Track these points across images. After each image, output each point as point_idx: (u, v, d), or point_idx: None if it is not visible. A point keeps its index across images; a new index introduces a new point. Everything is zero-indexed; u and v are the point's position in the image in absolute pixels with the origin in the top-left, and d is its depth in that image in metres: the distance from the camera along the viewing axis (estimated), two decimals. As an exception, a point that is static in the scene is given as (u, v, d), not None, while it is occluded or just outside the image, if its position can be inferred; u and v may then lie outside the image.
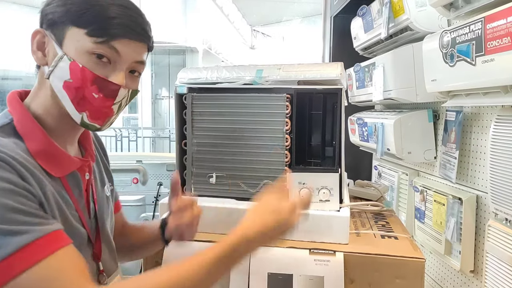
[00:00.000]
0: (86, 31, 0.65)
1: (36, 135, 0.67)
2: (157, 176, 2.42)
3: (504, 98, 0.95)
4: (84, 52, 0.66)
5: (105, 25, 0.66)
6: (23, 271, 0.53)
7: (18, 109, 0.69)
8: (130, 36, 0.68)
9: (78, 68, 0.65)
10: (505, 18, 0.86)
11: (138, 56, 0.71)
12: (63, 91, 0.67)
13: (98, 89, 0.67)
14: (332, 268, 0.87)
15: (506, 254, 1.00)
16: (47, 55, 0.69)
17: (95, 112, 0.69)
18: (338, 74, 0.97)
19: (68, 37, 0.66)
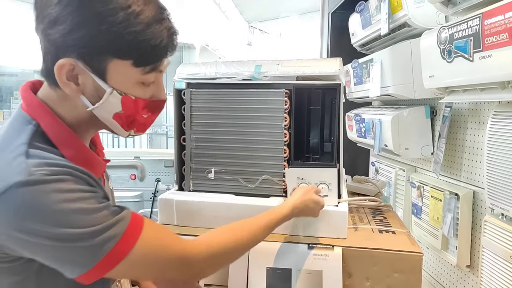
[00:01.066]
0: (132, 62, 0.61)
1: (71, 142, 0.64)
2: (155, 172, 2.42)
3: (501, 94, 0.96)
4: (134, 83, 0.63)
5: (150, 52, 0.61)
6: (130, 249, 0.59)
7: (44, 113, 0.63)
8: (171, 53, 0.66)
9: (131, 101, 0.64)
10: (503, 14, 0.86)
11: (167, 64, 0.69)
12: (113, 121, 0.66)
13: (149, 110, 0.67)
14: (331, 263, 0.88)
15: (502, 249, 1.01)
16: (82, 85, 0.62)
17: (141, 127, 0.69)
18: (336, 70, 0.97)
19: (112, 70, 0.61)
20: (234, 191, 1.07)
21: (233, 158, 1.06)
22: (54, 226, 0.53)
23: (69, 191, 0.55)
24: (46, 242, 0.54)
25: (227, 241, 0.71)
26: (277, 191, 1.05)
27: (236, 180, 1.06)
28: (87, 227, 0.55)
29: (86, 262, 0.56)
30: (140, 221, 0.63)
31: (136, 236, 0.60)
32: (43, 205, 0.53)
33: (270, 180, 1.04)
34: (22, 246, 0.55)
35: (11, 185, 0.52)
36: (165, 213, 1.05)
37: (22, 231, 0.53)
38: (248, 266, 0.91)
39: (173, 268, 0.64)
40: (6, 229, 0.53)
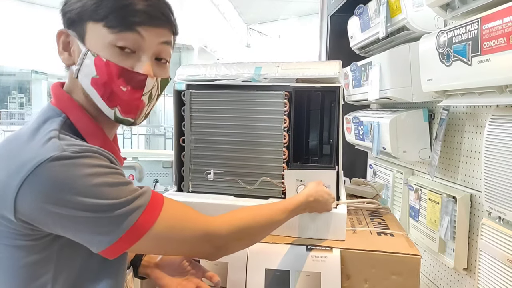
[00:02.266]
0: (103, 23, 0.64)
1: (98, 134, 0.68)
2: (153, 173, 2.42)
3: (499, 98, 0.96)
4: (106, 45, 0.64)
5: (121, 14, 0.64)
6: (154, 221, 0.62)
7: (73, 107, 0.68)
8: (149, 23, 0.66)
9: (102, 63, 0.64)
10: (501, 19, 0.87)
11: (161, 37, 0.68)
12: (92, 88, 0.66)
13: (125, 82, 0.65)
14: (329, 264, 0.88)
15: (499, 252, 1.02)
16: (73, 54, 0.68)
17: (126, 106, 0.67)
18: (336, 72, 0.98)
19: (89, 33, 0.65)
20: (233, 192, 1.07)
21: (232, 159, 1.06)
22: (85, 197, 0.57)
23: (98, 166, 0.59)
24: (78, 214, 0.57)
25: (248, 217, 0.75)
26: (276, 192, 1.05)
27: (235, 181, 1.07)
28: (114, 198, 0.59)
29: (113, 233, 0.59)
30: (161, 196, 0.66)
31: (158, 209, 0.63)
32: (75, 177, 0.57)
33: (269, 182, 1.04)
34: (53, 220, 0.58)
35: (46, 159, 0.56)
36: (164, 214, 1.05)
37: (55, 204, 0.56)
38: (246, 268, 0.91)
39: (197, 241, 0.66)
40: (40, 202, 0.56)
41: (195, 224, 0.67)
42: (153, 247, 0.65)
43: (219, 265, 0.93)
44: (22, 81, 11.62)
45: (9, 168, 0.57)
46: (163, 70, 0.71)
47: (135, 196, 0.61)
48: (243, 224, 0.73)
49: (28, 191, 0.56)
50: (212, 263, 0.94)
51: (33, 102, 12.43)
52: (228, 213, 0.74)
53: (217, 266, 0.93)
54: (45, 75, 12.23)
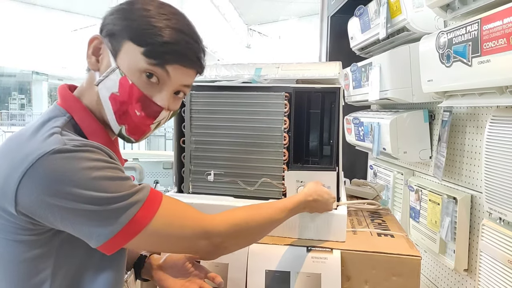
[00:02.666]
0: (142, 50, 0.66)
1: (100, 135, 0.70)
2: (154, 174, 2.42)
3: (499, 99, 0.96)
4: (136, 69, 0.67)
5: (161, 50, 0.66)
6: (152, 217, 0.63)
7: (78, 108, 0.70)
8: (184, 63, 0.69)
9: (127, 84, 0.67)
10: (501, 19, 0.87)
11: (186, 80, 0.72)
12: (108, 102, 0.68)
13: (142, 108, 0.68)
14: (329, 266, 0.88)
15: (499, 253, 1.01)
16: (101, 62, 0.70)
17: (134, 127, 0.70)
18: (336, 73, 0.98)
19: (124, 51, 0.67)
20: (233, 193, 1.07)
21: (233, 160, 1.06)
22: (84, 189, 0.58)
23: (98, 160, 0.61)
24: (77, 206, 0.58)
25: (246, 216, 0.75)
26: (276, 194, 1.05)
27: (235, 182, 1.07)
28: (113, 192, 0.60)
29: (112, 227, 0.60)
30: (159, 193, 0.67)
31: (157, 204, 0.64)
32: (75, 170, 0.58)
33: (270, 183, 1.04)
34: (53, 213, 0.58)
35: (47, 152, 0.58)
36: (164, 215, 1.05)
37: (55, 195, 0.57)
38: (247, 269, 0.91)
39: (195, 239, 0.67)
40: (40, 194, 0.57)
41: (194, 221, 0.67)
42: (151, 244, 0.66)
43: (219, 266, 0.93)
44: (22, 82, 11.63)
45: (12, 161, 0.59)
46: (177, 103, 0.75)
47: (134, 191, 0.62)
48: (242, 223, 0.73)
49: (28, 183, 0.57)
50: (212, 264, 0.93)
51: (34, 103, 12.44)
52: (227, 211, 0.74)
53: (217, 267, 0.93)
54: (46, 76, 12.25)
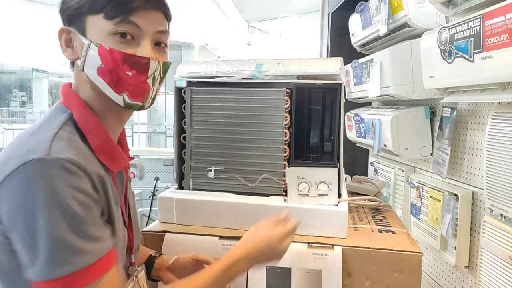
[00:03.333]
0: (102, 15, 0.67)
1: (97, 131, 0.69)
2: (154, 171, 2.42)
3: (501, 95, 0.96)
4: (107, 35, 0.67)
5: (118, 3, 0.67)
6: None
7: (77, 104, 0.70)
8: (145, 6, 0.69)
9: (106, 51, 0.67)
10: (504, 15, 0.86)
11: (158, 25, 0.72)
12: (99, 78, 0.68)
13: (130, 67, 0.68)
14: (330, 262, 0.88)
15: (501, 249, 1.01)
16: (76, 49, 0.70)
17: (133, 90, 0.70)
18: (337, 69, 0.97)
19: (89, 26, 0.68)
20: (234, 189, 1.07)
21: (233, 157, 1.06)
22: (44, 209, 0.56)
23: (76, 189, 0.59)
24: (30, 226, 0.56)
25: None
26: (277, 190, 1.05)
27: (236, 179, 1.06)
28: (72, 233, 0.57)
29: (40, 271, 0.57)
30: (107, 266, 0.62)
31: (92, 276, 0.60)
32: (46, 190, 0.56)
33: (270, 179, 1.04)
34: (13, 223, 0.58)
35: (31, 159, 0.57)
36: (165, 212, 1.05)
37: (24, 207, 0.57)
38: (247, 265, 0.91)
39: None
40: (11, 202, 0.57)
41: None
42: None
43: (220, 263, 0.93)
44: (23, 79, 11.63)
45: (5, 160, 0.59)
46: (163, 55, 0.74)
47: (81, 250, 0.59)
48: None
49: (5, 189, 0.58)
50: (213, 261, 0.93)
51: (34, 100, 12.43)
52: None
53: (218, 263, 0.93)
54: (46, 73, 12.24)
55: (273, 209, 0.98)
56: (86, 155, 0.65)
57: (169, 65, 0.76)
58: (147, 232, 1.00)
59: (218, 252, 0.94)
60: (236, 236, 0.95)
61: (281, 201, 1.00)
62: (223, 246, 0.94)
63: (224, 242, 0.95)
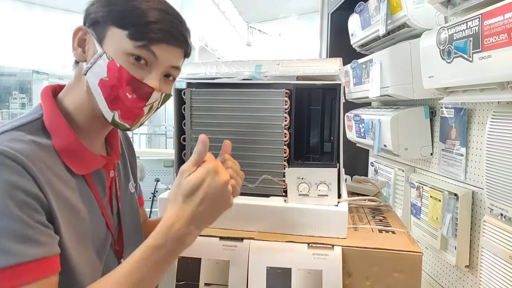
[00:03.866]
0: (127, 33, 0.66)
1: (62, 132, 0.68)
2: (154, 172, 2.42)
3: (500, 94, 0.96)
4: (123, 52, 0.67)
5: (145, 30, 0.66)
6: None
7: (48, 104, 0.70)
8: (169, 41, 0.69)
9: (115, 67, 0.66)
10: (503, 15, 0.86)
11: (174, 61, 0.72)
12: (98, 89, 0.67)
13: (132, 90, 0.67)
14: (331, 262, 0.88)
15: (501, 249, 1.01)
16: (87, 52, 0.70)
17: (126, 112, 0.69)
18: (337, 70, 0.97)
19: (109, 37, 0.67)
20: (234, 190, 1.07)
21: (233, 157, 1.06)
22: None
23: (13, 186, 0.56)
24: None
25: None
26: (277, 190, 1.05)
27: (236, 179, 1.06)
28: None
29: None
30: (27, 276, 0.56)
31: (21, 280, 0.55)
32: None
33: (270, 180, 1.04)
34: None
35: None
36: (165, 213, 1.05)
37: None
38: (248, 265, 0.91)
39: None
40: None
41: None
42: None
43: (220, 263, 0.93)
44: (23, 81, 11.63)
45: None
46: (168, 87, 0.75)
47: (8, 250, 0.55)
48: None
49: None
50: (213, 262, 0.94)
51: (34, 102, 12.44)
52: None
53: (218, 264, 0.93)
54: (46, 75, 12.24)
55: (273, 209, 0.98)
56: (44, 155, 0.63)
57: (169, 97, 0.77)
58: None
59: (219, 253, 0.94)
60: (236, 237, 0.95)
61: (281, 202, 1.00)
62: (223, 247, 0.94)
63: (224, 242, 0.95)
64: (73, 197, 0.66)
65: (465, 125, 1.27)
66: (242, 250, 0.93)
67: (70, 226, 0.64)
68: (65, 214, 0.63)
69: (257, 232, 0.98)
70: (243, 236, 0.95)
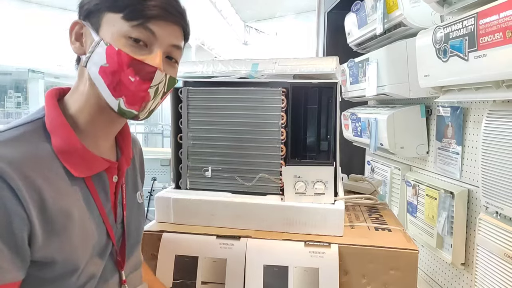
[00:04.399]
0: (122, 15, 0.65)
1: (62, 132, 0.65)
2: (151, 171, 2.42)
3: (495, 93, 0.97)
4: (121, 36, 0.65)
5: (140, 8, 0.65)
6: None
7: (50, 105, 0.68)
8: (166, 18, 0.67)
9: (114, 52, 0.64)
10: (498, 13, 0.87)
11: (174, 39, 0.69)
12: (99, 77, 0.65)
13: (134, 72, 0.65)
14: (327, 260, 0.88)
15: (496, 246, 1.02)
16: (85, 44, 0.68)
17: (131, 96, 0.66)
18: (333, 68, 0.98)
19: (105, 23, 0.66)
20: (231, 189, 1.07)
21: (230, 156, 1.06)
22: None
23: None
24: None
25: None
26: (274, 189, 1.05)
27: (233, 178, 1.07)
28: None
29: None
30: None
31: None
32: None
33: (267, 178, 1.04)
34: None
35: None
36: (162, 212, 1.05)
37: None
38: (245, 264, 0.92)
39: None
40: None
41: None
42: None
43: (217, 262, 0.93)
44: (18, 80, 11.57)
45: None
46: (172, 69, 0.72)
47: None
48: None
49: None
50: (210, 260, 0.94)
51: (30, 101, 12.38)
52: None
53: (215, 262, 0.93)
54: (42, 74, 12.18)
55: (270, 208, 0.98)
56: (38, 158, 0.61)
57: (176, 82, 0.73)
58: (144, 232, 1.00)
59: (216, 251, 0.94)
60: (233, 235, 0.95)
61: (278, 200, 1.00)
62: (220, 245, 0.94)
63: (221, 241, 0.95)
64: (69, 203, 0.63)
65: (461, 123, 1.28)
66: (239, 248, 0.93)
67: (66, 235, 0.62)
68: (58, 222, 0.61)
69: (254, 230, 0.98)
70: (240, 235, 0.95)
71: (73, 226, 0.63)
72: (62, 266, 0.61)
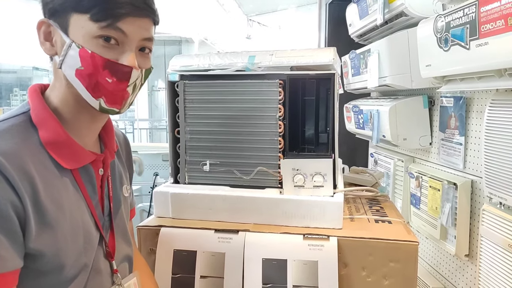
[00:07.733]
0: (89, 16, 0.63)
1: (49, 124, 0.66)
2: (153, 166, 2.42)
3: (498, 82, 0.95)
4: (91, 37, 0.64)
5: (106, 6, 0.63)
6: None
7: (35, 99, 0.68)
8: (133, 13, 0.65)
9: (88, 55, 0.63)
10: (499, 1, 0.85)
11: (145, 33, 0.68)
12: (76, 80, 0.65)
13: (111, 73, 0.65)
14: (326, 253, 0.87)
15: (500, 237, 1.01)
16: (55, 44, 0.67)
17: (111, 96, 0.67)
18: (330, 59, 0.96)
19: (73, 24, 0.64)
20: (229, 183, 1.06)
21: (228, 150, 1.05)
22: None
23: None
24: None
25: None
26: (273, 182, 1.04)
27: (231, 172, 1.06)
28: None
29: None
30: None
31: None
32: None
33: (265, 172, 1.03)
34: None
35: None
36: (160, 206, 1.05)
37: None
38: (243, 257, 0.91)
39: None
40: None
41: None
42: None
43: (215, 256, 0.93)
44: (23, 78, 11.64)
45: None
46: (146, 61, 0.71)
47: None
48: None
49: None
50: (209, 254, 0.93)
51: (36, 98, 12.44)
52: None
53: (214, 256, 0.93)
54: (46, 72, 12.24)
55: (268, 201, 0.97)
56: (27, 151, 0.61)
57: (150, 71, 0.73)
58: (143, 227, 1.00)
59: (214, 245, 0.93)
60: (231, 229, 0.95)
61: (276, 193, 1.00)
62: (218, 239, 0.94)
63: (219, 235, 0.94)
64: (59, 194, 0.64)
65: (464, 114, 1.25)
66: (237, 242, 0.92)
67: (58, 226, 0.62)
68: (49, 213, 0.62)
69: (252, 224, 0.98)
70: (238, 228, 0.95)
71: (64, 217, 0.64)
72: (53, 258, 0.62)
